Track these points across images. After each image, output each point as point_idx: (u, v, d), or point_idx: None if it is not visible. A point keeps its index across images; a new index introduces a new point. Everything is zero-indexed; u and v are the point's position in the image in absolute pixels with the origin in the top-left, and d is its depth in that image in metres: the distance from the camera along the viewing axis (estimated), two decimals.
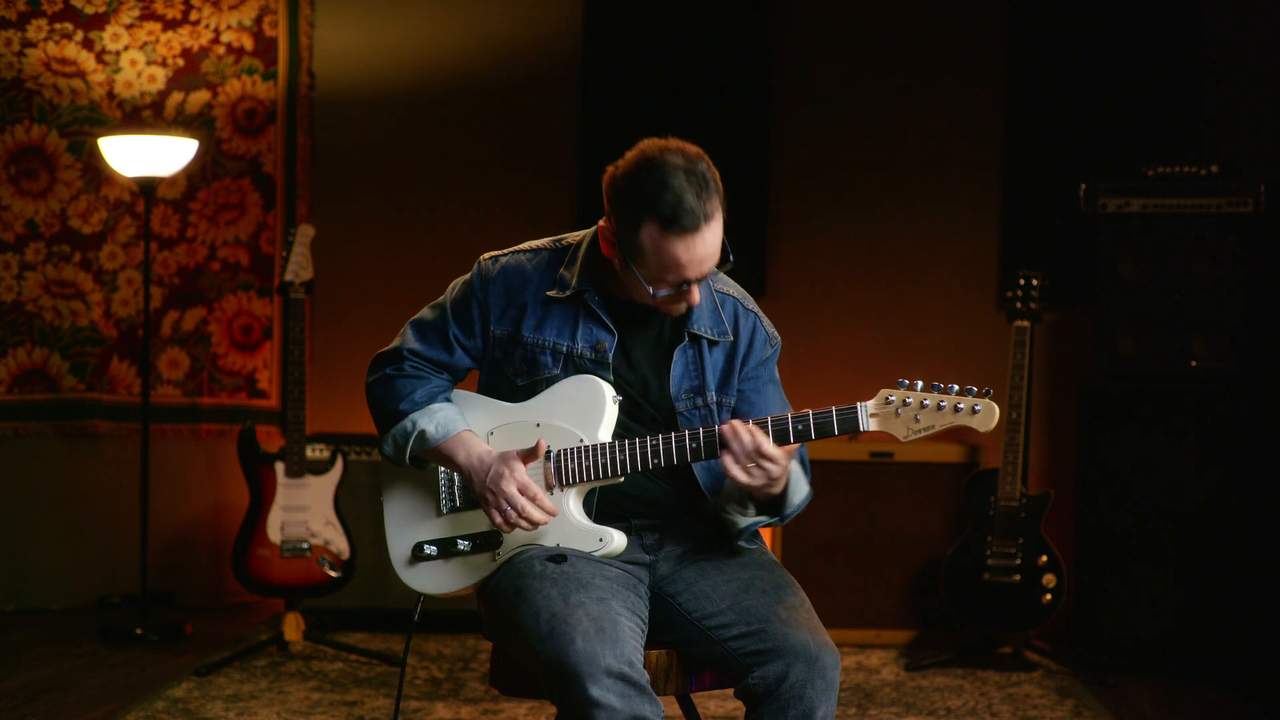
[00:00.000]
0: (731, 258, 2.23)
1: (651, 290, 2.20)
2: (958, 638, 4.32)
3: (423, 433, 2.31)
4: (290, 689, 3.80)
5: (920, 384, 2.14)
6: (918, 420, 2.13)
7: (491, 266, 2.36)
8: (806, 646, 2.12)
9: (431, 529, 2.37)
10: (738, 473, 2.15)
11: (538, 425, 2.30)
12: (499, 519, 2.25)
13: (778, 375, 2.44)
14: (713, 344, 2.35)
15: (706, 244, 2.16)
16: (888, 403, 2.14)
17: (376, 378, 2.40)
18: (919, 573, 4.41)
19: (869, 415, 2.14)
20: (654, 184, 2.14)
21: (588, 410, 2.28)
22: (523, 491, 2.24)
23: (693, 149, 2.20)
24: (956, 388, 2.13)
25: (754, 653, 2.15)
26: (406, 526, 2.39)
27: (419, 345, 2.38)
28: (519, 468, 2.25)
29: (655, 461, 2.22)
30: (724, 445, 2.16)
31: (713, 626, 2.21)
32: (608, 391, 2.28)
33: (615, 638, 2.06)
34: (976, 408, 2.11)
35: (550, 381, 2.32)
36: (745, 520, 2.30)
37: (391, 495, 2.42)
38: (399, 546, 2.39)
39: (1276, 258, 4.24)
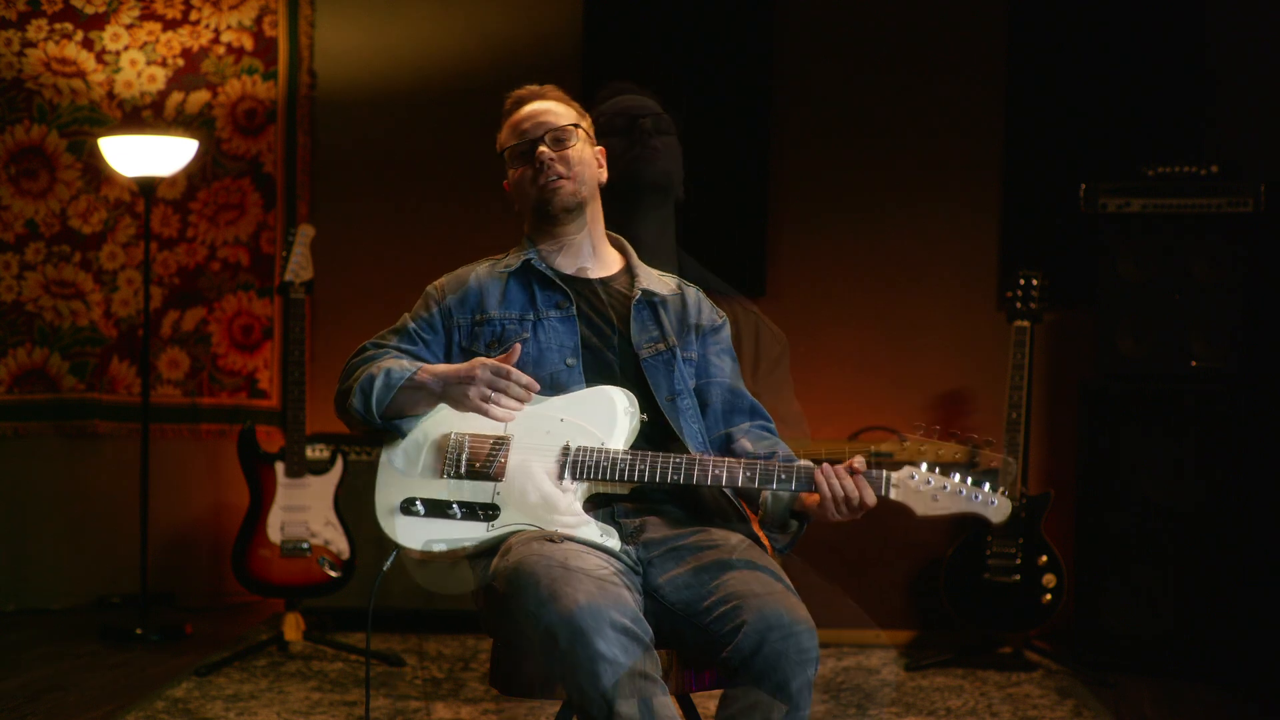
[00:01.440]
0: (581, 125, 2.51)
1: (515, 165, 2.47)
2: (958, 638, 4.32)
3: (388, 370, 2.33)
4: (290, 689, 3.80)
5: (939, 468, 2.30)
6: (935, 500, 2.28)
7: (441, 280, 2.53)
8: (780, 617, 2.13)
9: (428, 489, 2.35)
10: (830, 511, 2.27)
11: (561, 420, 2.35)
12: (484, 404, 2.26)
13: (733, 349, 2.57)
14: (663, 300, 2.52)
15: (539, 108, 2.50)
16: (911, 479, 2.28)
17: (344, 372, 2.46)
18: (919, 573, 4.41)
19: (891, 485, 2.28)
20: None
21: (612, 417, 2.36)
22: (497, 374, 2.27)
23: None
24: (971, 479, 2.29)
25: (731, 629, 2.15)
26: (402, 479, 2.37)
27: (388, 336, 2.48)
28: (492, 361, 2.30)
29: (716, 479, 2.29)
30: (816, 487, 2.27)
31: (695, 612, 2.21)
32: (634, 407, 2.37)
33: (617, 597, 2.08)
34: (993, 501, 2.28)
35: (521, 344, 2.40)
36: (783, 540, 2.44)
37: (392, 449, 2.40)
38: (388, 497, 2.36)
39: (1276, 258, 4.24)
